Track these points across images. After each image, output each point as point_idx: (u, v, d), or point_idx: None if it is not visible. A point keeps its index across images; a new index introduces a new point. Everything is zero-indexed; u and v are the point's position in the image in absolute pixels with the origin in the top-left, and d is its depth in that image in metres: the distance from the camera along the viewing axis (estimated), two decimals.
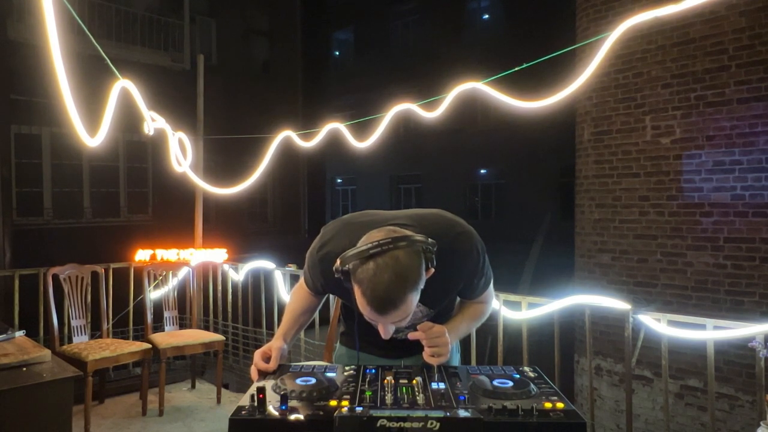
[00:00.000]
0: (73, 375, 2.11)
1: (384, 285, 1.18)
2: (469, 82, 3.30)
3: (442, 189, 16.20)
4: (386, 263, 1.18)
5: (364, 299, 1.21)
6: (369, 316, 1.25)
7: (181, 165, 4.62)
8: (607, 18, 5.51)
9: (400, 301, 1.19)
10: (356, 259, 1.21)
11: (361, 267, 1.20)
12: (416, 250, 1.23)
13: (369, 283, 1.19)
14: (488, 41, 15.15)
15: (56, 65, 2.47)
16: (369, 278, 1.19)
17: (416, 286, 1.22)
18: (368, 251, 1.20)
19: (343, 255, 1.24)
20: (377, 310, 1.20)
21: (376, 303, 1.19)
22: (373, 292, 1.19)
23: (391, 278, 1.18)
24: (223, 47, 10.95)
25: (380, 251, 1.19)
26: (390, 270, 1.18)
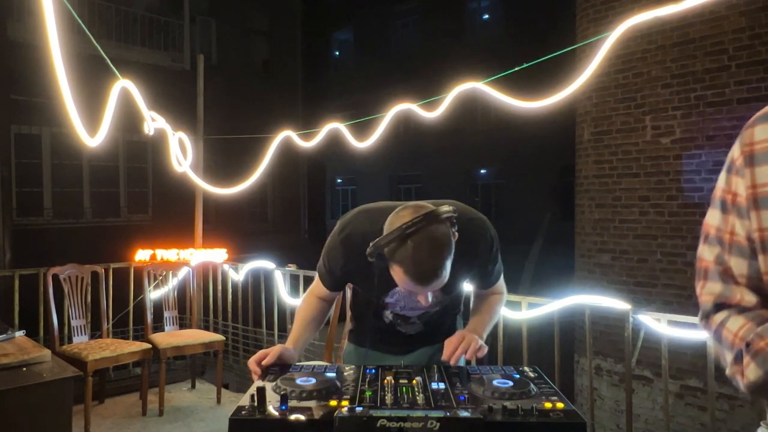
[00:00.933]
0: (73, 375, 2.11)
1: (426, 260, 1.26)
2: (469, 82, 3.30)
3: (442, 189, 16.19)
4: (422, 239, 1.26)
5: (406, 276, 1.28)
6: (412, 290, 1.33)
7: (181, 165, 4.62)
8: (607, 18, 5.51)
9: (441, 270, 1.28)
10: (391, 241, 1.27)
11: (400, 248, 1.27)
12: (443, 221, 1.30)
13: (410, 261, 1.26)
14: (488, 41, 15.15)
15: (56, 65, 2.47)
16: (410, 256, 1.26)
17: (451, 253, 1.30)
18: (403, 232, 1.26)
19: (377, 242, 1.30)
20: (421, 282, 1.28)
21: (420, 277, 1.27)
22: (415, 269, 1.26)
23: (429, 253, 1.26)
24: (223, 47, 10.95)
25: (415, 230, 1.26)
26: (428, 245, 1.26)
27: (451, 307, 1.64)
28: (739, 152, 0.81)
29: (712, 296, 0.84)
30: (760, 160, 0.77)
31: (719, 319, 0.82)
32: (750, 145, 0.79)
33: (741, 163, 0.80)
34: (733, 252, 0.82)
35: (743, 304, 0.80)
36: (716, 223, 0.85)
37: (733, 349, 0.78)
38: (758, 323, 0.75)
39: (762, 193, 0.76)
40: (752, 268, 0.80)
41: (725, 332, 0.80)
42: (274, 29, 12.12)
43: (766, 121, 0.79)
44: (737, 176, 0.80)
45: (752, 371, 0.73)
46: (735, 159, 0.82)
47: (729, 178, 0.83)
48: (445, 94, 3.41)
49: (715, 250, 0.84)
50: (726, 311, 0.82)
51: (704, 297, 0.86)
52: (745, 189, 0.79)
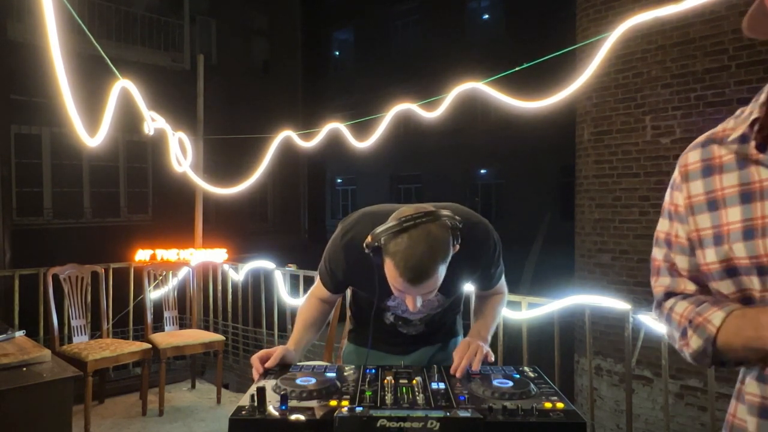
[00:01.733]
0: (73, 375, 2.11)
1: (418, 256, 1.22)
2: (469, 82, 3.30)
3: (442, 189, 16.19)
4: (419, 235, 1.23)
5: (396, 271, 1.25)
6: (401, 287, 1.28)
7: (181, 165, 4.62)
8: (607, 18, 5.51)
9: (432, 271, 1.24)
10: (389, 233, 1.25)
11: (394, 240, 1.24)
12: (445, 225, 1.27)
13: (403, 255, 1.23)
14: (488, 41, 15.15)
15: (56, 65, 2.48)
16: (402, 250, 1.23)
17: (446, 258, 1.27)
18: (401, 225, 1.24)
19: (374, 231, 1.28)
20: (410, 280, 1.24)
21: (410, 273, 1.23)
22: (406, 263, 1.23)
23: (424, 249, 1.22)
24: (223, 47, 10.95)
25: (413, 224, 1.24)
26: (423, 242, 1.23)
27: (451, 307, 1.65)
28: (677, 172, 1.03)
29: (662, 287, 1.03)
30: (691, 177, 0.99)
31: (669, 306, 1.00)
32: (685, 166, 1.01)
33: (679, 181, 1.01)
34: (677, 251, 1.01)
35: (686, 291, 1.00)
36: (665, 229, 1.04)
37: (680, 327, 0.95)
38: (697, 305, 0.94)
39: (695, 202, 0.97)
40: (691, 263, 0.99)
41: (674, 315, 0.98)
42: (274, 29, 12.12)
43: (696, 148, 1.01)
44: (677, 191, 1.01)
45: (694, 341, 0.92)
46: (675, 178, 1.03)
47: (672, 193, 1.03)
48: (445, 94, 3.41)
49: (664, 251, 1.04)
50: (673, 299, 1.00)
51: (657, 289, 1.05)
52: (683, 200, 0.99)
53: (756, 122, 0.91)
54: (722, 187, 0.93)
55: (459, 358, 1.40)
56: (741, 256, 0.89)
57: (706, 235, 0.94)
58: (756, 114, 0.91)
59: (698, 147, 1.00)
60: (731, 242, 0.90)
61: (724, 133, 0.98)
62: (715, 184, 0.95)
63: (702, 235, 0.95)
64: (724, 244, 0.91)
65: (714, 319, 0.89)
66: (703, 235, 0.95)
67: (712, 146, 0.98)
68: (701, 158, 0.98)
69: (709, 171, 0.96)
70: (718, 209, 0.93)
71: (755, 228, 0.88)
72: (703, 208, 0.95)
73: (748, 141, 0.93)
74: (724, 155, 0.95)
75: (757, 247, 0.87)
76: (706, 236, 0.94)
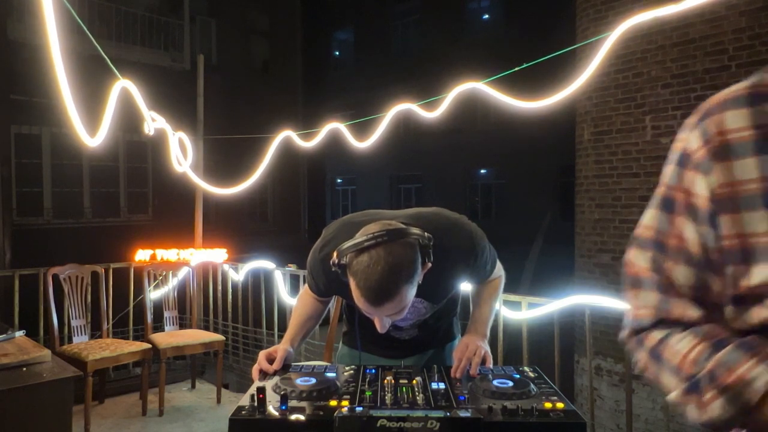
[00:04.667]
0: (73, 375, 2.11)
1: (377, 276, 1.17)
2: (469, 82, 3.30)
3: (442, 189, 16.20)
4: (380, 255, 1.18)
5: (358, 291, 1.21)
6: (364, 308, 1.25)
7: (181, 165, 4.62)
8: (607, 18, 5.51)
9: (393, 292, 1.19)
10: (351, 252, 1.22)
11: (356, 259, 1.20)
12: (411, 243, 1.23)
13: (363, 275, 1.19)
14: (488, 41, 15.15)
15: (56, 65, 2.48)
16: (363, 270, 1.19)
17: (411, 279, 1.22)
18: (363, 243, 1.20)
19: (339, 248, 1.25)
20: (371, 301, 1.20)
21: (370, 294, 1.19)
22: (366, 283, 1.18)
23: (384, 270, 1.17)
24: (223, 47, 10.94)
25: (375, 243, 1.19)
26: (384, 261, 1.18)
27: (446, 311, 1.62)
28: (701, 143, 0.69)
29: (649, 309, 0.73)
30: (735, 152, 0.66)
31: (658, 336, 0.72)
32: (720, 134, 0.67)
33: (704, 157, 0.68)
34: (677, 258, 0.71)
35: (685, 319, 0.71)
36: (656, 225, 0.74)
37: (681, 373, 0.68)
38: (712, 345, 0.66)
39: (743, 192, 0.65)
40: (699, 279, 0.70)
41: (668, 352, 0.70)
42: (274, 29, 12.12)
43: (737, 106, 0.68)
44: (696, 172, 0.69)
45: (719, 407, 0.64)
46: (693, 152, 0.70)
47: (682, 173, 0.71)
48: (445, 94, 3.41)
49: (650, 255, 0.74)
50: (666, 327, 0.72)
51: (639, 310, 0.74)
52: (709, 188, 0.67)
53: None
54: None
55: (458, 359, 1.40)
56: None
57: (759, 244, 0.65)
58: None
59: (742, 105, 0.68)
60: None
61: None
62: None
63: (752, 244, 0.65)
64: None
65: (757, 380, 0.61)
66: (755, 244, 0.65)
67: (766, 105, 0.67)
68: (753, 123, 0.66)
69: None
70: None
71: None
72: (757, 201, 0.65)
73: None
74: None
75: None
76: (761, 245, 0.65)
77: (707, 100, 0.72)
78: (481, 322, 1.54)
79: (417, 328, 1.58)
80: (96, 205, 9.00)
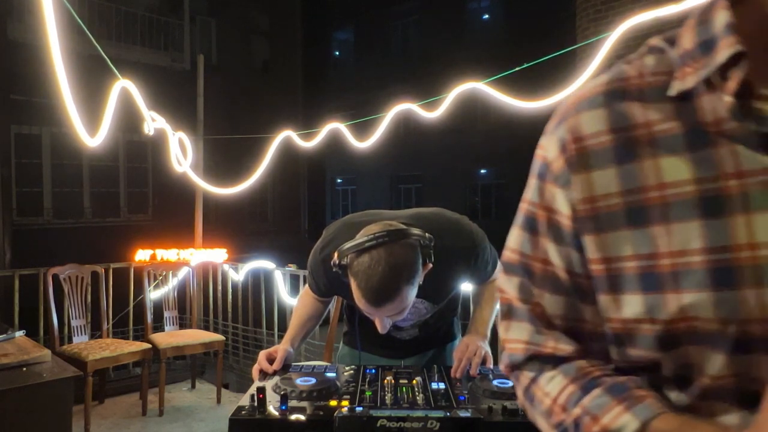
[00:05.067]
0: (73, 375, 2.11)
1: (378, 277, 1.18)
2: (469, 82, 3.31)
3: (442, 189, 16.20)
4: (381, 256, 1.18)
5: (359, 291, 1.21)
6: (364, 309, 1.25)
7: (181, 165, 4.62)
8: (607, 18, 5.51)
9: (394, 293, 1.19)
10: (352, 252, 1.22)
11: (357, 260, 1.21)
12: (412, 244, 1.23)
13: (363, 275, 1.19)
14: (488, 41, 15.15)
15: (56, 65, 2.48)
16: (363, 270, 1.19)
17: (411, 280, 1.22)
18: (364, 244, 1.20)
19: (340, 249, 1.25)
20: (371, 302, 1.21)
21: (370, 295, 1.20)
22: (367, 284, 1.19)
23: (385, 270, 1.18)
24: (223, 47, 10.95)
25: (375, 244, 1.19)
26: (384, 262, 1.18)
27: (447, 311, 1.62)
28: (558, 151, 0.57)
29: (521, 344, 0.64)
30: (598, 160, 0.54)
31: (530, 375, 0.63)
32: (576, 141, 0.56)
33: (562, 168, 0.57)
34: (545, 286, 0.61)
35: (558, 354, 0.61)
36: (520, 248, 0.64)
37: (552, 419, 0.59)
38: (581, 387, 0.57)
39: (604, 209, 0.54)
40: (571, 308, 0.60)
41: (539, 393, 0.62)
42: (274, 29, 12.12)
43: (593, 106, 0.56)
44: (555, 185, 0.58)
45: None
46: (551, 162, 0.59)
47: (543, 187, 0.60)
48: (445, 94, 3.41)
49: (518, 282, 0.64)
50: (538, 363, 0.62)
51: (512, 345, 0.65)
52: (570, 204, 0.56)
53: (739, 60, 0.48)
54: (660, 183, 0.52)
55: (458, 360, 1.40)
56: (705, 316, 0.49)
57: (625, 270, 0.53)
58: (732, 48, 0.48)
59: (598, 105, 0.56)
60: (683, 287, 0.50)
61: (643, 80, 0.55)
62: (645, 177, 0.52)
63: (619, 270, 0.54)
64: (663, 289, 0.51)
65: (623, 429, 0.52)
66: (620, 270, 0.54)
67: (626, 104, 0.55)
68: (610, 126, 0.54)
69: (630, 151, 0.53)
70: (651, 224, 0.52)
71: (734, 267, 0.48)
72: (620, 219, 0.53)
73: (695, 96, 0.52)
74: (658, 122, 0.53)
75: (742, 302, 0.48)
76: (626, 272, 0.53)
77: (565, 99, 0.62)
78: (482, 323, 1.54)
79: (417, 328, 1.58)
80: (96, 205, 9.00)
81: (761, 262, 0.48)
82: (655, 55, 0.56)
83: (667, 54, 0.55)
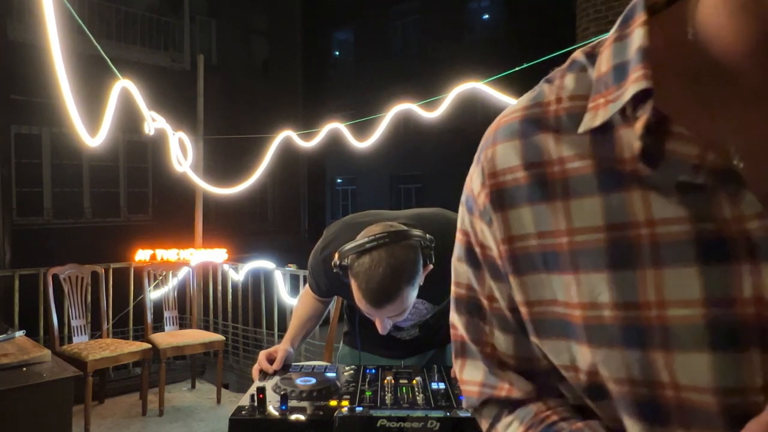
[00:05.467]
0: (73, 375, 2.11)
1: (378, 278, 1.18)
2: (469, 82, 3.31)
3: (442, 189, 16.16)
4: (381, 257, 1.19)
5: (359, 292, 1.21)
6: (365, 309, 1.25)
7: (181, 165, 4.62)
8: (607, 18, 5.51)
9: (395, 294, 1.19)
10: (353, 253, 1.22)
11: (358, 261, 1.21)
12: (412, 245, 1.23)
13: (364, 276, 1.19)
14: (488, 41, 15.15)
15: (56, 65, 2.48)
16: (364, 271, 1.19)
17: (412, 281, 1.22)
18: (364, 245, 1.20)
19: (341, 249, 1.25)
20: (372, 303, 1.21)
21: (371, 296, 1.20)
22: (367, 285, 1.19)
23: (386, 271, 1.18)
24: (223, 47, 10.95)
25: (376, 245, 1.20)
26: (385, 263, 1.18)
27: (447, 311, 1.62)
28: (480, 185, 0.53)
29: (475, 387, 0.58)
30: (513, 199, 0.50)
31: (488, 421, 0.59)
32: (493, 176, 0.51)
33: (484, 204, 0.52)
34: (495, 324, 0.55)
35: (513, 396, 0.55)
36: (466, 281, 0.57)
37: None
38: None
39: (521, 250, 0.50)
40: (522, 347, 0.54)
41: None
42: (274, 29, 12.12)
43: (508, 137, 0.51)
44: (483, 221, 0.53)
45: None
46: (476, 196, 0.54)
47: (472, 220, 0.55)
48: (445, 94, 3.41)
49: (467, 319, 0.58)
50: (495, 407, 0.57)
51: (466, 386, 0.60)
52: (496, 243, 0.52)
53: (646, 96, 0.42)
54: (569, 228, 0.47)
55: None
56: (616, 375, 0.45)
57: (547, 315, 0.49)
58: (637, 84, 0.42)
59: (513, 135, 0.51)
60: (594, 342, 0.46)
61: (560, 105, 0.49)
62: (556, 221, 0.47)
63: (539, 314, 0.50)
64: (578, 339, 0.47)
65: None
66: (542, 314, 0.50)
67: (540, 136, 0.49)
68: (524, 161, 0.49)
69: (543, 190, 0.48)
70: (563, 271, 0.47)
71: (643, 325, 0.43)
72: (537, 261, 0.49)
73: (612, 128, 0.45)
74: (571, 158, 0.47)
75: (651, 364, 0.43)
76: (548, 317, 0.49)
77: (494, 121, 0.56)
78: None
79: (418, 328, 1.58)
80: (96, 205, 9.00)
81: (669, 323, 0.42)
82: (575, 73, 0.50)
83: (588, 73, 0.49)
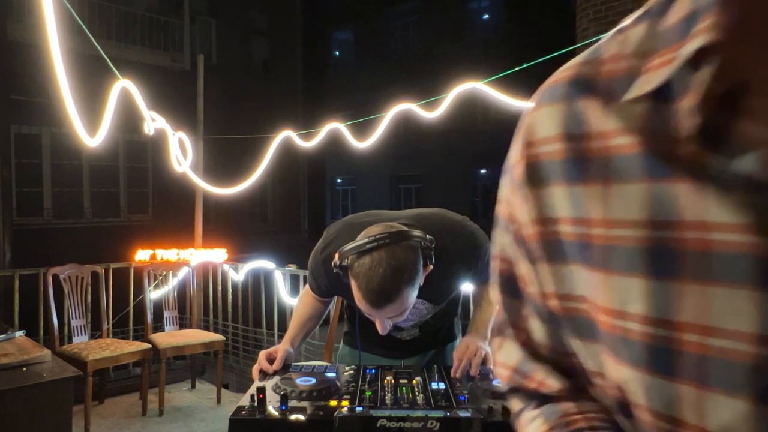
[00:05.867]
0: (73, 375, 2.11)
1: (378, 279, 1.18)
2: (469, 82, 3.31)
3: (442, 189, 16.20)
4: (381, 257, 1.19)
5: (359, 293, 1.22)
6: (365, 310, 1.26)
7: (181, 165, 4.62)
8: (607, 18, 5.51)
9: (395, 294, 1.20)
10: (353, 254, 1.22)
11: (358, 261, 1.21)
12: (413, 246, 1.23)
13: (364, 277, 1.19)
14: (488, 41, 15.15)
15: (56, 65, 2.48)
16: (364, 272, 1.19)
17: (412, 281, 1.22)
18: (365, 246, 1.21)
19: (341, 250, 1.26)
20: (372, 303, 1.21)
21: (371, 296, 1.20)
22: (368, 286, 1.19)
23: (386, 272, 1.18)
24: (223, 47, 10.94)
25: (376, 246, 1.20)
26: (385, 264, 1.18)
27: (447, 312, 1.62)
28: (519, 155, 0.46)
29: (506, 371, 0.52)
30: (548, 175, 0.42)
31: (516, 407, 0.53)
32: (530, 146, 0.44)
33: (521, 177, 0.45)
34: (531, 309, 0.48)
35: (542, 390, 0.49)
36: (506, 255, 0.50)
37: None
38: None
39: (553, 235, 0.42)
40: (556, 339, 0.47)
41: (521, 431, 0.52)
42: (274, 29, 12.12)
43: (553, 99, 0.43)
44: (518, 195, 0.46)
45: None
46: (513, 165, 0.47)
47: (511, 192, 0.48)
48: (445, 94, 3.41)
49: (504, 299, 0.52)
50: (522, 400, 0.52)
51: (498, 369, 0.54)
52: (529, 222, 0.45)
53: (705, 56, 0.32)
54: (606, 219, 0.39)
55: (458, 360, 1.40)
56: (637, 401, 0.38)
57: (580, 314, 0.42)
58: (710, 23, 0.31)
59: (558, 97, 0.42)
60: (619, 357, 0.39)
61: (617, 65, 0.39)
62: (592, 208, 0.39)
63: (573, 310, 0.43)
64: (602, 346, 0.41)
65: None
66: (575, 312, 0.43)
67: (585, 102, 0.40)
68: (564, 130, 0.41)
69: (581, 169, 0.40)
70: (593, 267, 0.40)
71: (675, 349, 0.35)
72: (569, 253, 0.42)
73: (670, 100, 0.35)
74: (616, 133, 0.38)
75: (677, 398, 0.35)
76: (581, 314, 0.42)
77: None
78: (482, 324, 1.54)
79: (418, 328, 1.58)
80: (96, 205, 9.00)
81: (709, 354, 0.33)
82: (647, 22, 0.38)
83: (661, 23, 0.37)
